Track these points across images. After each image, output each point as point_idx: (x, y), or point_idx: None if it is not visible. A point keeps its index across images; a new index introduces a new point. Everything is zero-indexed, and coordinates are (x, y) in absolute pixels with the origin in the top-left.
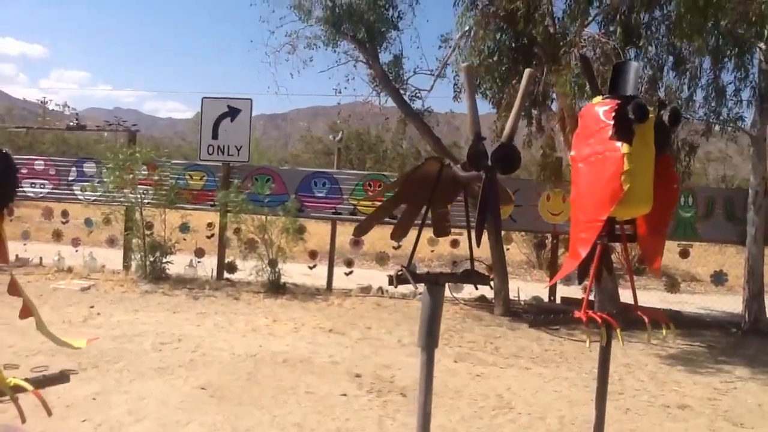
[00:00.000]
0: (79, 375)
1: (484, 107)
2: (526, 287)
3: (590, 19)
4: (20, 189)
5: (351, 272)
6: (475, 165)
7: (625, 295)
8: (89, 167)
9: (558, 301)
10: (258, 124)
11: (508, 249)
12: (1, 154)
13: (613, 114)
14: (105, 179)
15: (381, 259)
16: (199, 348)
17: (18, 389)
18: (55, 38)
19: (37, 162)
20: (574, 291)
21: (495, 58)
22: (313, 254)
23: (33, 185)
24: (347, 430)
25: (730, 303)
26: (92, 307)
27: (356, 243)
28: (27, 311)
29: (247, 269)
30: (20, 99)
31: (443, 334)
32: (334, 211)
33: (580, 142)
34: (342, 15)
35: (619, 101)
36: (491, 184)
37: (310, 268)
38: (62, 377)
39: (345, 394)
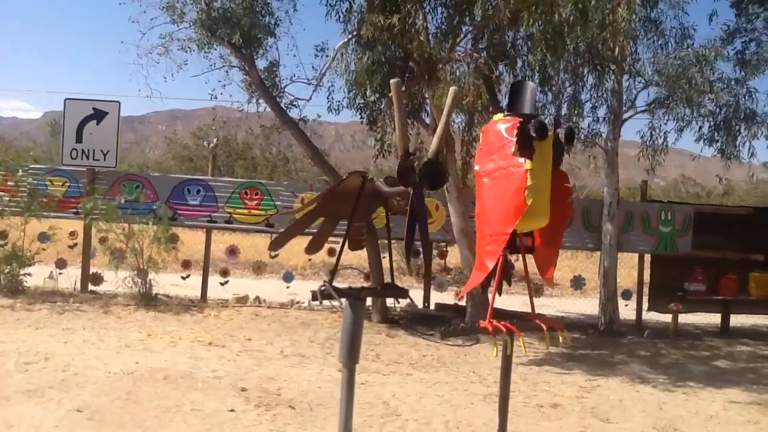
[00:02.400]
0: None
1: (346, 116)
2: None
3: (461, 36)
4: None
5: (227, 282)
6: (404, 181)
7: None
8: None
9: (432, 307)
10: None
11: (384, 257)
12: None
13: (516, 131)
14: None
15: (257, 268)
16: (70, 367)
17: None
18: None
19: None
20: (447, 297)
21: (372, 71)
22: (186, 264)
23: None
24: None
25: (585, 305)
26: None
27: (232, 252)
28: None
29: (115, 280)
30: None
31: (323, 342)
32: (209, 219)
33: (484, 157)
34: (217, 18)
35: (520, 119)
36: (419, 199)
37: (183, 278)
38: None
39: (233, 410)
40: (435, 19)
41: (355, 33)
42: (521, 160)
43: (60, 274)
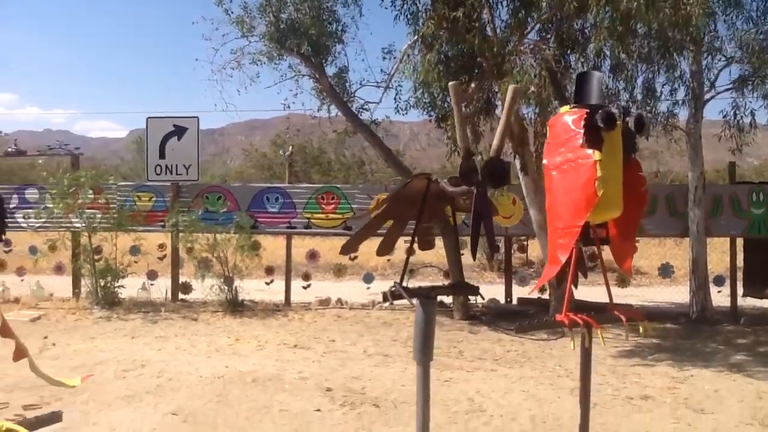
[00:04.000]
0: (42, 410)
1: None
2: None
3: (529, 29)
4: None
5: (309, 285)
6: (466, 180)
7: (581, 295)
8: (31, 194)
9: (514, 302)
10: None
11: (462, 254)
12: None
13: (583, 122)
14: (50, 205)
15: (338, 271)
16: (164, 372)
17: None
18: None
19: None
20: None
21: (440, 69)
22: (269, 270)
23: None
24: None
25: (675, 294)
26: (46, 337)
27: (312, 256)
28: (20, 353)
29: (203, 289)
30: None
31: (406, 341)
32: (288, 225)
33: (552, 150)
34: (285, 30)
35: (587, 110)
36: (483, 199)
37: (267, 283)
38: (54, 417)
39: (319, 410)
40: (500, 12)
41: (420, 33)
42: (590, 151)
43: (152, 284)
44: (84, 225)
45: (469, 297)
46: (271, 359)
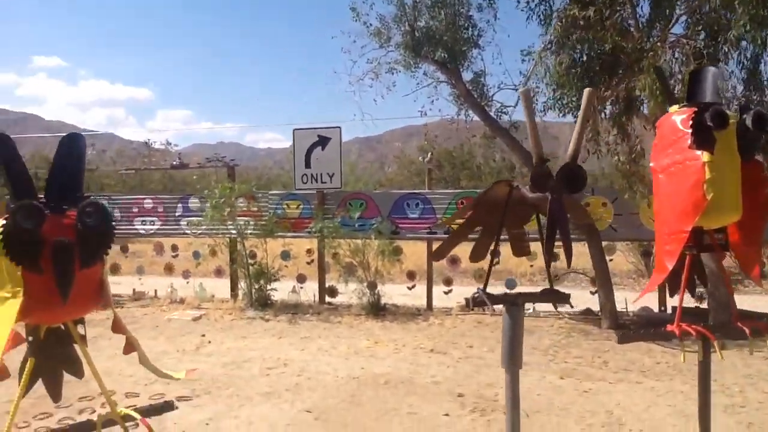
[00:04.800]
0: (193, 401)
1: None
2: (634, 297)
3: (673, 21)
4: (132, 228)
5: (450, 291)
6: (539, 187)
7: (747, 302)
8: (194, 203)
9: (668, 310)
10: (353, 148)
11: (611, 259)
12: (96, 205)
13: (690, 122)
14: (206, 214)
15: (480, 276)
16: (304, 372)
17: (128, 419)
18: (160, 81)
19: (146, 201)
20: (687, 300)
21: (577, 70)
22: (411, 275)
23: (143, 222)
24: None
25: None
26: (203, 335)
27: (453, 261)
28: (130, 347)
29: (348, 292)
30: (129, 140)
31: (548, 349)
32: (428, 230)
33: (659, 152)
34: (421, 38)
35: (695, 109)
36: (558, 205)
37: (409, 288)
38: (167, 406)
39: (447, 414)
40: (642, 6)
41: (551, 34)
42: (698, 152)
43: (301, 288)
44: (237, 232)
45: (621, 304)
46: (407, 363)
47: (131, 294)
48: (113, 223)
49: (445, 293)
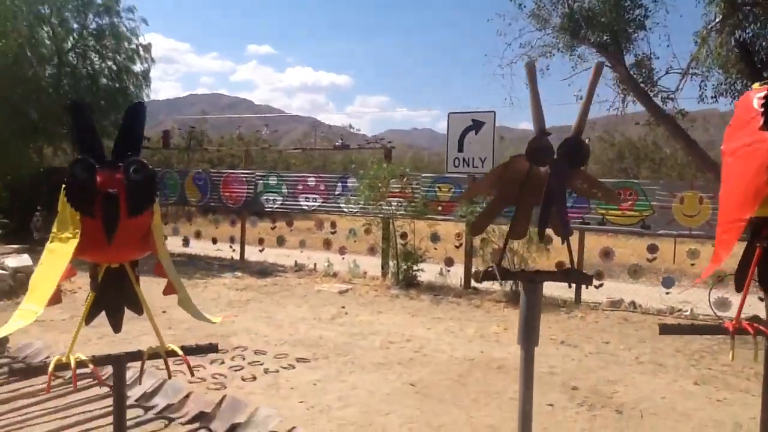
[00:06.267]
0: (310, 363)
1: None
2: None
3: None
4: (296, 204)
5: (601, 285)
6: (536, 160)
7: None
8: (352, 182)
9: None
10: (506, 136)
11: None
12: (141, 163)
13: (763, 101)
14: (361, 193)
15: (634, 272)
16: (422, 349)
17: (172, 354)
18: (360, 68)
19: (309, 179)
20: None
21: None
22: (560, 265)
23: (307, 199)
24: None
25: None
26: (343, 307)
27: (606, 254)
28: (171, 288)
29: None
30: (328, 125)
31: (693, 354)
32: (581, 221)
33: (731, 134)
34: (580, 20)
35: None
36: (556, 177)
37: None
38: (211, 348)
39: (551, 405)
40: None
41: (717, 11)
42: None
43: (448, 271)
44: (389, 212)
45: None
46: None
47: (293, 265)
48: (157, 180)
49: (596, 287)
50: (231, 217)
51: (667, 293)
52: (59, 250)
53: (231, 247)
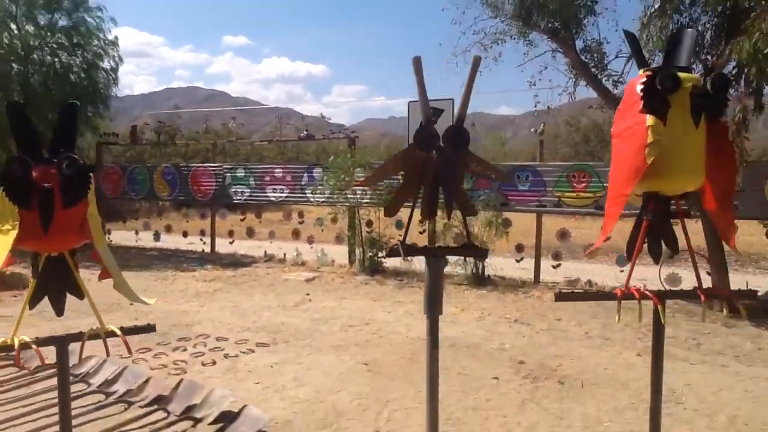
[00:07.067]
0: (269, 347)
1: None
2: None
3: None
4: (264, 196)
5: (559, 265)
6: (424, 147)
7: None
8: (317, 172)
9: None
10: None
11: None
12: (73, 159)
13: (641, 86)
14: (325, 183)
15: (590, 252)
16: (380, 331)
17: (111, 334)
18: (335, 58)
19: (276, 170)
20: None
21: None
22: (519, 247)
23: (274, 190)
24: (484, 409)
25: None
26: (307, 294)
27: (563, 235)
28: (105, 273)
29: (455, 262)
30: (306, 116)
31: (641, 328)
32: (538, 203)
33: (620, 117)
34: (532, 7)
35: (650, 72)
36: (444, 162)
37: (517, 261)
38: (148, 327)
39: (497, 378)
40: None
41: None
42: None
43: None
44: (354, 201)
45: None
46: (483, 330)
47: (263, 255)
48: (90, 174)
49: (554, 267)
50: (201, 210)
51: (622, 271)
52: None
53: (202, 240)
